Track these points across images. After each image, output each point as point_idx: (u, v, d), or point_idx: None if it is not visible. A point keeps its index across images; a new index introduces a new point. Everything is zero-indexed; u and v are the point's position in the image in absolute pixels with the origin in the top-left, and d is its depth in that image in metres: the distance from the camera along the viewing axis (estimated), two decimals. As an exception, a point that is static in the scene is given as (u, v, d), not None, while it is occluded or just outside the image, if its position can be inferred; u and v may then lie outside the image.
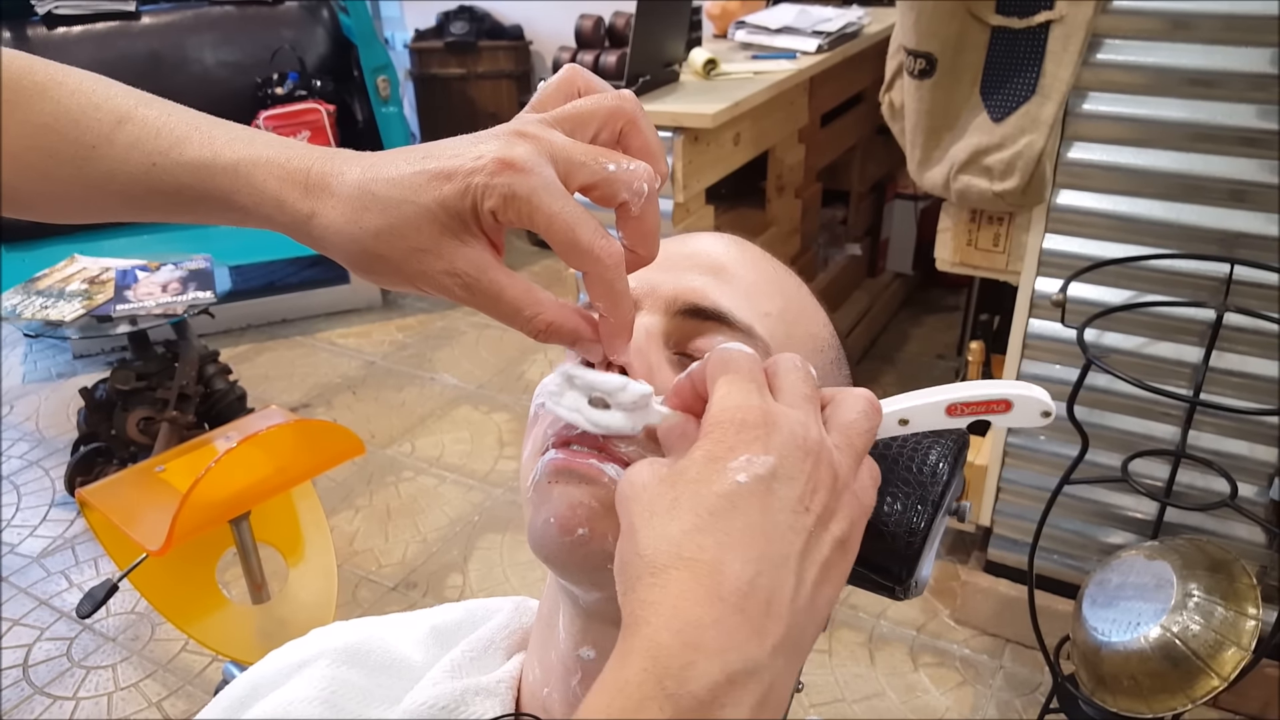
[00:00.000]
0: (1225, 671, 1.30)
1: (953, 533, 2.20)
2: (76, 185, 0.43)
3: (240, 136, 0.43)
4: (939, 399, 0.44)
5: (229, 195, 0.42)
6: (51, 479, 2.63)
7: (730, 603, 0.34)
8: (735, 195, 2.75)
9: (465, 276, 0.41)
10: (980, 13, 1.57)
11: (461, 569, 2.24)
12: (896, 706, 1.83)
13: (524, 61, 4.05)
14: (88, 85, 0.44)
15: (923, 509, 0.58)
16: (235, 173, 0.42)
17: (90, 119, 0.43)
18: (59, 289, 2.32)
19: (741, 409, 0.38)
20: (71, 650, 2.05)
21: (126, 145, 0.43)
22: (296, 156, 0.42)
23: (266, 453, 1.57)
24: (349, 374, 3.15)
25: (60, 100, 0.43)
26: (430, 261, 0.41)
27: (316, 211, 0.41)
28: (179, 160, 0.42)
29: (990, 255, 1.77)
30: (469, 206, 0.40)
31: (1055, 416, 0.45)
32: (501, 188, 0.39)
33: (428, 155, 0.41)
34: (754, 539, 0.35)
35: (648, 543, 0.36)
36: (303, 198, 0.42)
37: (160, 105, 0.44)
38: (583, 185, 0.42)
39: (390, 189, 0.40)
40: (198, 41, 3.45)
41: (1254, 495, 1.61)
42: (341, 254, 0.42)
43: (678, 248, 0.54)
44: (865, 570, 0.60)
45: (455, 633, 0.61)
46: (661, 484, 0.37)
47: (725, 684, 0.33)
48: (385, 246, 0.41)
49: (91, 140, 0.43)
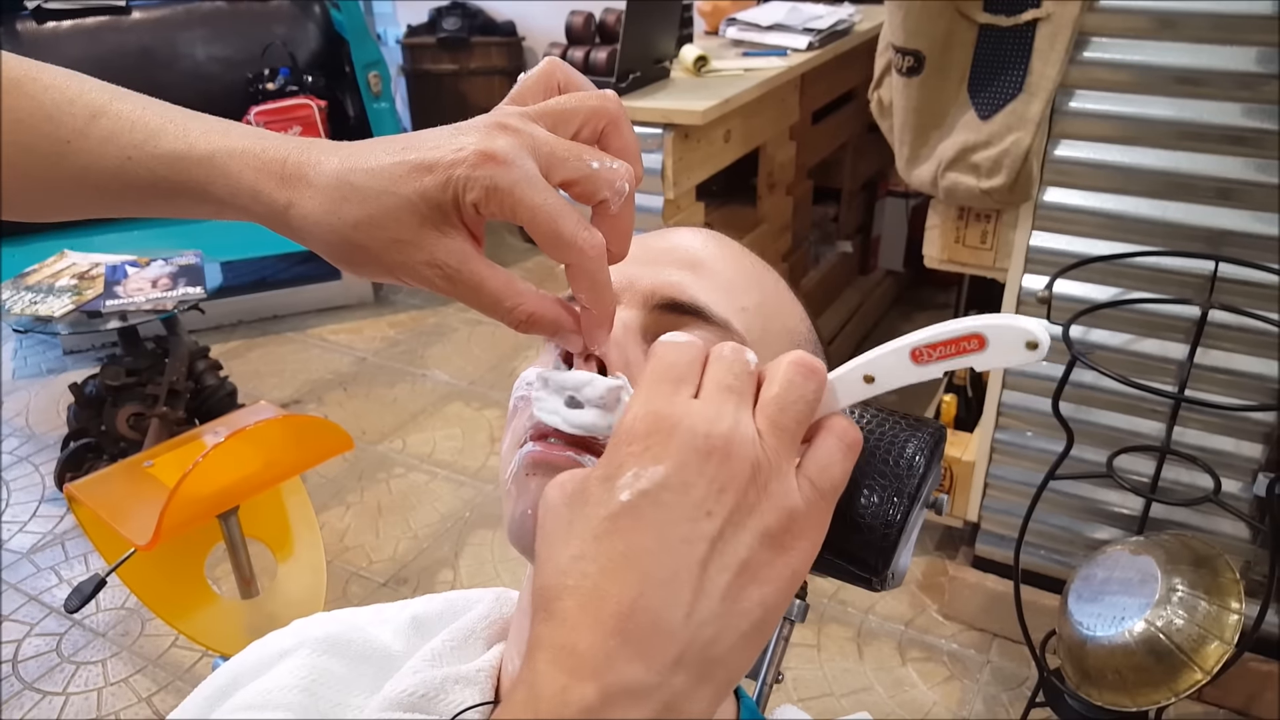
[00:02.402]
0: (1208, 665, 1.31)
1: (940, 528, 2.21)
2: (52, 181, 0.43)
3: (215, 128, 0.43)
4: (902, 344, 0.40)
5: (204, 187, 0.42)
6: (41, 475, 2.63)
7: (609, 626, 0.33)
8: (726, 192, 2.75)
9: (446, 267, 0.41)
10: (968, 11, 1.57)
11: (452, 565, 2.24)
12: (884, 701, 1.84)
13: (516, 58, 4.04)
14: (61, 81, 0.44)
15: (899, 501, 0.59)
16: (210, 164, 0.42)
17: (65, 114, 0.43)
18: (48, 284, 2.31)
19: (641, 418, 0.36)
20: (61, 645, 2.05)
21: (101, 139, 0.43)
22: (272, 147, 0.43)
23: (255, 448, 1.57)
24: (340, 370, 3.15)
25: (34, 96, 0.43)
26: (411, 252, 0.41)
27: (294, 202, 0.41)
28: (153, 153, 0.42)
29: (978, 252, 1.77)
30: (450, 199, 0.40)
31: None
32: (484, 180, 0.39)
33: (407, 146, 0.41)
34: (637, 559, 0.34)
35: (543, 574, 0.36)
36: (279, 188, 0.42)
37: (135, 99, 0.44)
38: (564, 181, 0.42)
39: (369, 179, 0.41)
40: (189, 37, 3.44)
41: (1238, 491, 1.62)
42: (320, 244, 0.42)
43: (656, 242, 0.55)
44: (842, 562, 0.61)
45: (436, 622, 0.61)
46: (564, 507, 0.36)
47: (601, 706, 0.32)
48: (365, 237, 0.41)
49: (66, 135, 0.43)
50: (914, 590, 2.09)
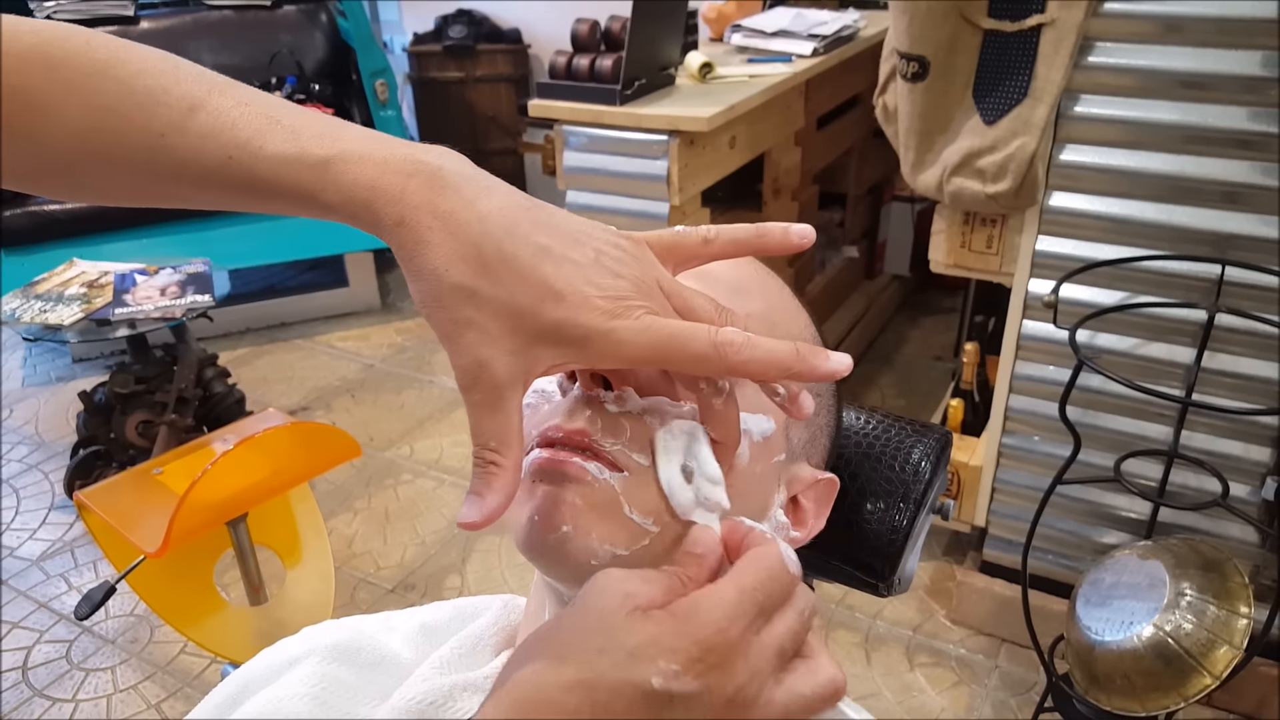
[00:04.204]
0: (1218, 670, 1.31)
1: (948, 533, 2.20)
2: (145, 173, 0.41)
3: (328, 130, 0.41)
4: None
5: (313, 193, 0.40)
6: (51, 482, 2.64)
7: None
8: (732, 198, 2.75)
9: (484, 375, 0.39)
10: (972, 16, 1.58)
11: (460, 571, 2.24)
12: (892, 706, 1.84)
13: (522, 65, 4.05)
14: (154, 65, 0.41)
15: (905, 507, 0.59)
16: (324, 169, 0.40)
17: (159, 104, 0.40)
18: (58, 293, 2.33)
19: (719, 629, 0.38)
20: (71, 653, 2.06)
21: (200, 135, 0.40)
22: (396, 156, 0.40)
23: (263, 455, 1.57)
24: (348, 377, 3.16)
25: (124, 80, 0.40)
26: (474, 338, 0.39)
27: (405, 221, 0.39)
28: (258, 154, 0.40)
29: (984, 257, 1.77)
30: (557, 367, 0.41)
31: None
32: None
33: (573, 284, 0.40)
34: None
35: (529, 669, 0.38)
36: (395, 204, 0.39)
37: (234, 93, 0.42)
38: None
39: (509, 273, 0.39)
40: (196, 46, 3.46)
41: (1246, 495, 1.61)
42: (411, 270, 0.40)
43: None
44: (848, 568, 0.61)
45: (444, 630, 0.62)
46: (603, 614, 0.39)
47: None
48: (452, 301, 0.39)
49: (160, 128, 0.40)
50: (922, 595, 2.09)
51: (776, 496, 0.53)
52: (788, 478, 0.54)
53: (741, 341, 0.41)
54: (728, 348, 0.41)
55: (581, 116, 1.98)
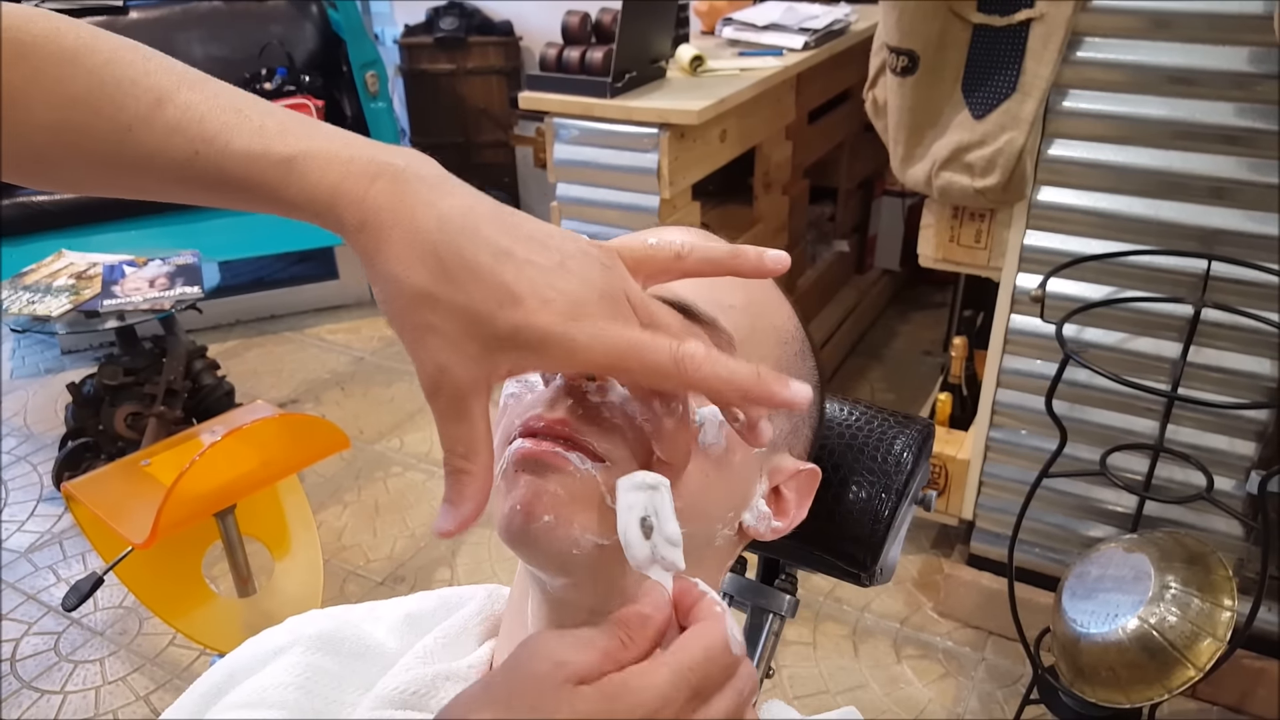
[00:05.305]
0: (1201, 662, 1.32)
1: (936, 526, 2.21)
2: (112, 164, 0.41)
3: (293, 128, 0.40)
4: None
5: (277, 190, 0.40)
6: (39, 474, 2.63)
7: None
8: (722, 192, 2.76)
9: (445, 381, 0.39)
10: (962, 11, 1.58)
11: (449, 564, 2.24)
12: (880, 698, 1.85)
13: (514, 57, 4.04)
14: (124, 55, 0.40)
15: (887, 497, 0.60)
16: (289, 167, 0.39)
17: (126, 95, 0.40)
18: (46, 284, 2.32)
19: (654, 699, 0.38)
20: (59, 644, 2.05)
21: (167, 129, 0.40)
22: (361, 155, 0.40)
23: (251, 447, 1.57)
24: (338, 370, 3.16)
25: (93, 70, 0.39)
26: (435, 344, 0.39)
27: (367, 224, 0.39)
28: (224, 150, 0.40)
29: (972, 251, 1.78)
30: (517, 370, 0.40)
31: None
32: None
33: (533, 287, 0.39)
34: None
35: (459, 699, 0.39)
36: (358, 206, 0.39)
37: (203, 87, 0.41)
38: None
39: (468, 277, 0.38)
40: (185, 37, 3.44)
41: (1231, 489, 1.63)
42: (372, 273, 0.40)
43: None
44: (830, 558, 0.61)
45: (429, 620, 0.62)
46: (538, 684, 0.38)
47: None
48: (412, 305, 0.39)
49: (127, 120, 0.40)
50: (909, 588, 2.10)
51: (758, 486, 0.53)
52: (770, 468, 0.54)
53: (703, 357, 0.40)
54: (688, 361, 0.40)
55: (572, 109, 1.97)
